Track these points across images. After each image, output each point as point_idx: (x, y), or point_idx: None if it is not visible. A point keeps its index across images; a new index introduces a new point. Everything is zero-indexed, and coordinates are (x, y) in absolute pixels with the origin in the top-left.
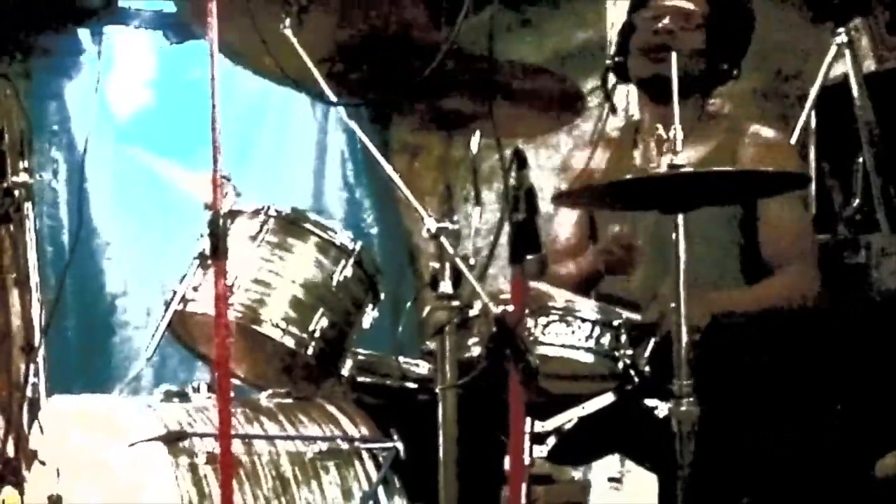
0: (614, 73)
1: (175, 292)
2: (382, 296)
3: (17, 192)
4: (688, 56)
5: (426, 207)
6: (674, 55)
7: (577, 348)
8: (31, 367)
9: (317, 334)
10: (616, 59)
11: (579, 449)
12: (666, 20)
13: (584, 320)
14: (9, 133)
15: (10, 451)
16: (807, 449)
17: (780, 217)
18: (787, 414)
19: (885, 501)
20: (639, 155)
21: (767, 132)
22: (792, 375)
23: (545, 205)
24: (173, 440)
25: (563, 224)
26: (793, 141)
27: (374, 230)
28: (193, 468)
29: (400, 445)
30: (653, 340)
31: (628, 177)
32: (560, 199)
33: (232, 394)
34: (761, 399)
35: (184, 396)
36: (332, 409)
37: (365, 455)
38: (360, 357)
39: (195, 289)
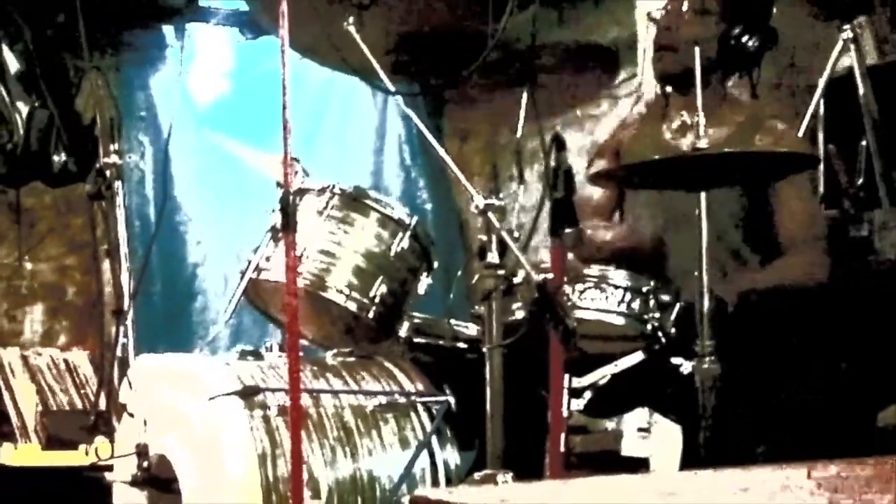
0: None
1: (250, 262)
2: (436, 265)
3: (108, 173)
4: (686, 49)
5: (475, 186)
6: (696, 50)
7: (611, 312)
8: (121, 329)
9: (377, 299)
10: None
11: (612, 402)
12: (665, 18)
13: (616, 287)
14: (101, 120)
15: (103, 404)
16: (816, 403)
17: (791, 203)
18: (799, 372)
19: (886, 449)
20: (667, 130)
21: (781, 126)
22: (803, 337)
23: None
24: (248, 395)
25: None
26: (803, 127)
27: (429, 206)
28: (266, 420)
29: (452, 399)
30: (678, 305)
31: (655, 157)
32: (594, 178)
33: (301, 353)
34: (776, 358)
35: (257, 355)
36: (390, 366)
37: (420, 408)
38: (415, 320)
39: (268, 259)
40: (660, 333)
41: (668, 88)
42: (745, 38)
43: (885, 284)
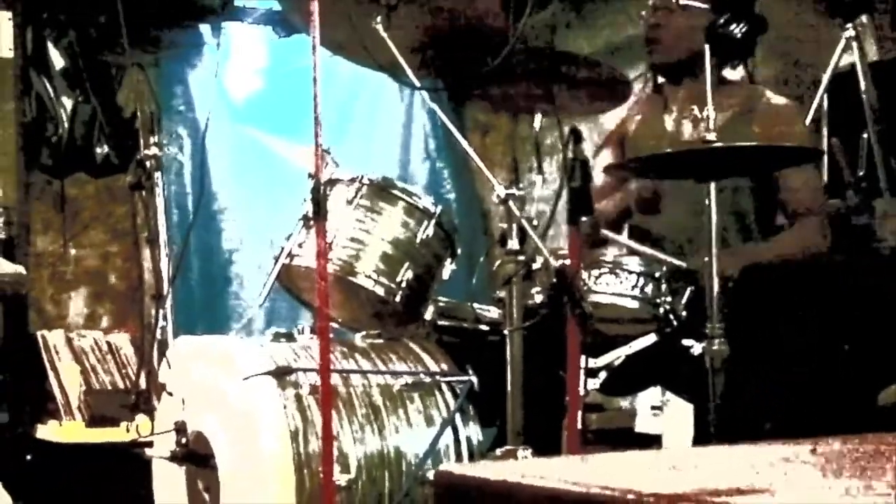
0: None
1: (283, 248)
2: (459, 251)
3: (148, 164)
4: (674, 41)
5: (496, 176)
6: (707, 48)
7: (625, 296)
8: (161, 312)
9: (403, 284)
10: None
11: (626, 382)
12: (653, 15)
13: (630, 272)
14: (141, 113)
15: (143, 384)
16: (819, 382)
17: (797, 180)
18: (803, 352)
19: (886, 426)
20: (670, 122)
21: (778, 100)
22: (807, 319)
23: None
24: (281, 374)
25: (600, 167)
26: (808, 120)
27: (452, 196)
28: (298, 398)
29: (474, 379)
30: (689, 289)
31: (668, 150)
32: (606, 170)
33: (331, 335)
34: (781, 339)
35: (290, 337)
36: (416, 347)
37: (444, 387)
38: (440, 304)
39: (300, 245)
40: (672, 316)
41: (661, 80)
42: (731, 27)
43: (886, 269)
